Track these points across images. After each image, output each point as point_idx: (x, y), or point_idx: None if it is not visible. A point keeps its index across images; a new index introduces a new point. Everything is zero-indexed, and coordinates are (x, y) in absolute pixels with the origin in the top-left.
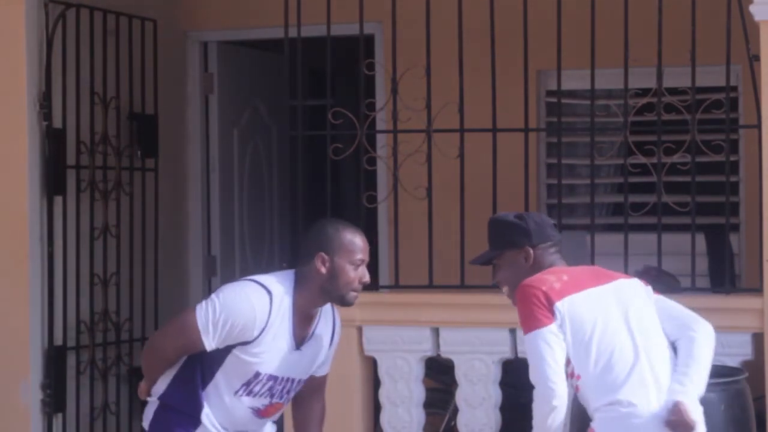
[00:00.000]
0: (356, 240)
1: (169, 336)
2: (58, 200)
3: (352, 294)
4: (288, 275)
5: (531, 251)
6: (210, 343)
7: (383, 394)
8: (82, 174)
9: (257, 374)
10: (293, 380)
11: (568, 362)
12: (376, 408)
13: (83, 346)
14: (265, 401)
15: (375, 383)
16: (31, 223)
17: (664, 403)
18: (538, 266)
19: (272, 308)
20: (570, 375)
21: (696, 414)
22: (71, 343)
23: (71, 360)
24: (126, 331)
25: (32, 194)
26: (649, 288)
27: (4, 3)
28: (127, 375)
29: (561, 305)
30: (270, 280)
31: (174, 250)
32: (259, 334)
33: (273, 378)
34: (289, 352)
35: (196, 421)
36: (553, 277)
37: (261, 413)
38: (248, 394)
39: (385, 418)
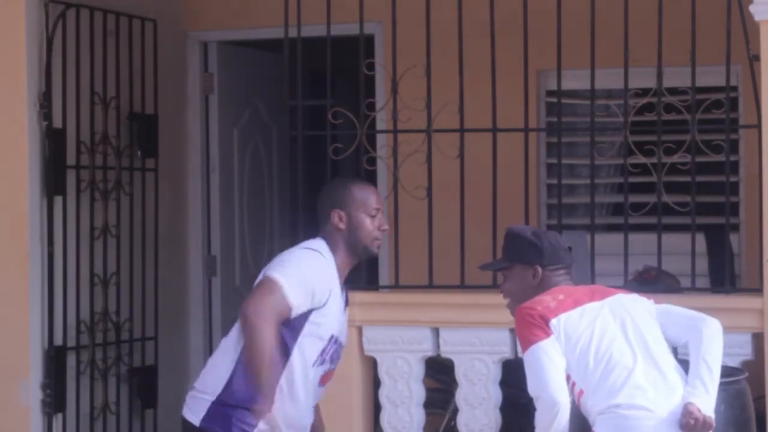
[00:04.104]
0: (367, 191)
1: (265, 310)
2: (58, 200)
3: (376, 243)
4: (320, 241)
5: (540, 270)
6: (298, 305)
7: (383, 394)
8: (82, 174)
9: (331, 337)
10: (342, 342)
11: (567, 378)
12: (376, 408)
13: (83, 346)
14: (327, 366)
15: (375, 383)
16: (31, 223)
17: (675, 407)
18: (544, 286)
19: (331, 271)
20: (570, 389)
21: (709, 412)
22: (71, 343)
23: (71, 360)
24: (126, 331)
25: (32, 194)
26: (651, 301)
27: (4, 3)
28: (127, 375)
29: (556, 321)
30: (318, 245)
31: (174, 250)
32: (329, 297)
33: (336, 340)
34: (342, 313)
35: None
36: (549, 297)
37: (323, 380)
38: (322, 363)
39: (385, 418)
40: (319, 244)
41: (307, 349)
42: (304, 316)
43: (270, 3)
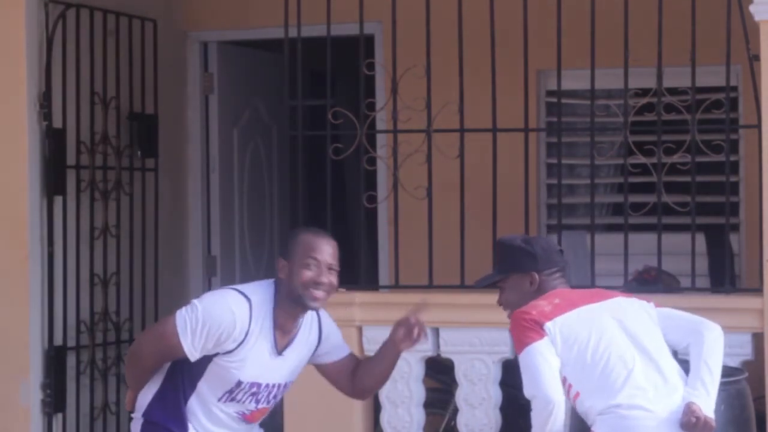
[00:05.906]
0: (311, 241)
1: (149, 342)
2: (58, 200)
3: (308, 294)
4: (269, 284)
5: (536, 276)
6: (190, 350)
7: (383, 394)
8: (82, 174)
9: (239, 383)
10: (278, 385)
11: (564, 380)
12: (376, 408)
13: (83, 346)
14: (251, 406)
15: None
16: (31, 223)
17: (675, 407)
18: (541, 291)
19: (252, 316)
20: (566, 392)
21: (710, 413)
22: (71, 343)
23: (71, 360)
24: (126, 331)
25: (32, 194)
26: (651, 304)
27: (4, 3)
28: None
29: (552, 325)
30: (251, 289)
31: (174, 250)
32: (239, 344)
33: (256, 385)
34: (270, 359)
35: None
36: (544, 301)
37: (247, 417)
38: (232, 401)
39: (385, 418)
40: (259, 288)
41: (211, 385)
42: (207, 359)
43: (270, 3)
